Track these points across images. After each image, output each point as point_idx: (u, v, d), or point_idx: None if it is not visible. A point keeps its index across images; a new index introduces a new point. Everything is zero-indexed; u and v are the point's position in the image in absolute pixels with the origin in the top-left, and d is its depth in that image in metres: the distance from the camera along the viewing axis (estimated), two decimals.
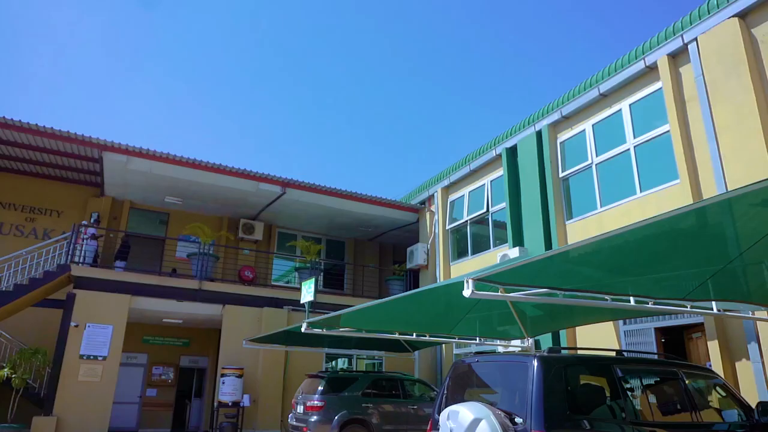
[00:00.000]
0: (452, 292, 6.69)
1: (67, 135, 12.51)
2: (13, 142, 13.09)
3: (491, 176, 14.02)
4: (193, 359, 16.94)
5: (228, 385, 12.67)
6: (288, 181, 14.80)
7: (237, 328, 13.53)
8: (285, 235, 17.87)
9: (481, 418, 4.29)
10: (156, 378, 16.23)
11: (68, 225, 14.15)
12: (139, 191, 15.15)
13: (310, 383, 11.32)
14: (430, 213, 16.17)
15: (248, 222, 16.66)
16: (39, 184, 15.18)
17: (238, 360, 13.17)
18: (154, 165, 13.49)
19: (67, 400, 11.46)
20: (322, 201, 15.60)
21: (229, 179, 14.30)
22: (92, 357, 11.98)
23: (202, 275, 13.61)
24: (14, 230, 14.76)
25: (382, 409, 11.05)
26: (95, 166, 14.22)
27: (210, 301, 13.60)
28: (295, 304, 13.92)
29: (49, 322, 13.24)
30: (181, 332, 16.65)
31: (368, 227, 17.89)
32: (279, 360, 13.75)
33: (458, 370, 5.69)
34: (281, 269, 17.64)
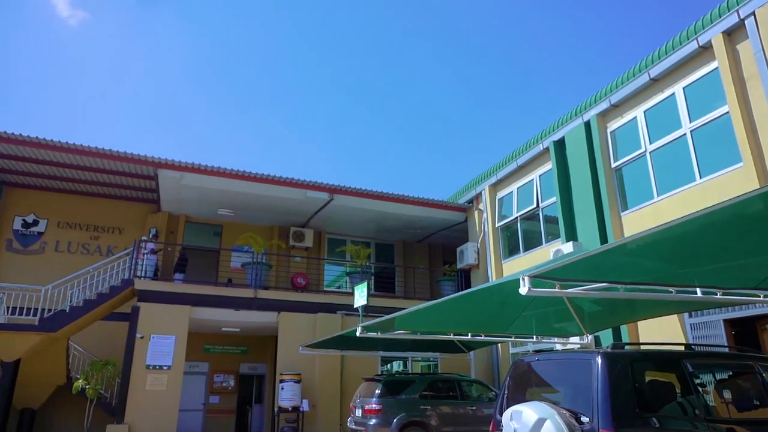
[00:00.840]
0: (506, 291, 6.58)
1: (124, 155, 13.10)
2: (77, 165, 13.83)
3: (539, 171, 13.74)
4: (252, 366, 17.33)
5: (287, 390, 12.89)
6: (335, 188, 14.97)
7: (293, 335, 13.76)
8: (334, 240, 18.08)
9: (546, 417, 4.20)
10: (218, 385, 16.70)
11: (129, 241, 14.80)
12: (193, 205, 15.68)
13: (367, 387, 11.39)
14: (479, 211, 15.99)
15: (298, 230, 16.94)
16: (101, 204, 15.97)
17: (295, 366, 13.39)
18: (206, 179, 13.94)
19: (136, 408, 11.95)
20: (369, 205, 15.70)
21: (278, 189, 14.60)
22: (158, 367, 12.45)
23: (257, 284, 13.92)
24: (81, 248, 15.56)
25: (440, 411, 10.99)
26: (151, 184, 14.83)
27: (265, 308, 13.90)
28: (348, 308, 14.04)
29: (116, 334, 13.86)
30: (239, 340, 17.08)
31: (416, 229, 17.86)
32: (335, 364, 13.89)
33: (518, 369, 5.59)
34: (332, 274, 17.86)
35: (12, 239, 15.06)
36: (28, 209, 15.39)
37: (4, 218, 15.07)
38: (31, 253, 15.13)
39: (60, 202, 15.64)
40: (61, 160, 13.57)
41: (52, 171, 14.37)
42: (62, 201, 15.66)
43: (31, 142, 12.51)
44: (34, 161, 13.74)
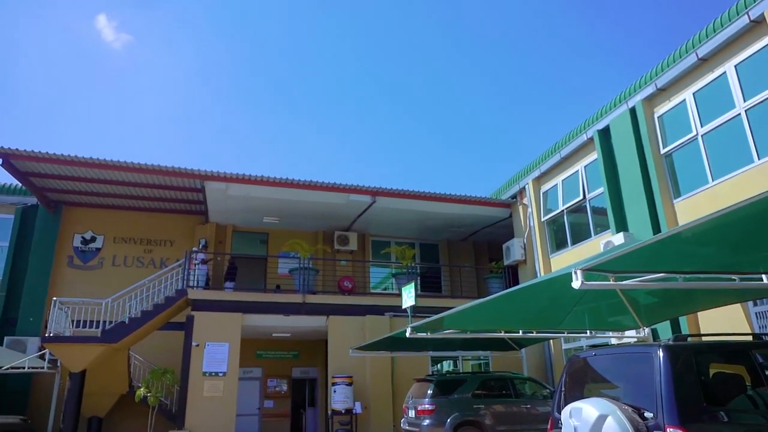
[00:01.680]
0: (557, 285, 6.44)
1: (172, 170, 13.54)
2: (128, 182, 14.41)
3: (584, 162, 13.40)
4: (304, 370, 17.57)
5: (339, 393, 13.00)
6: (377, 190, 15.02)
7: (342, 338, 13.87)
8: (378, 242, 18.14)
9: (607, 414, 4.07)
10: (271, 390, 17.01)
11: (181, 253, 15.27)
12: (240, 215, 16.06)
13: (419, 387, 11.36)
14: (523, 206, 15.73)
15: (342, 233, 17.08)
16: (153, 218, 16.56)
17: (346, 368, 13.49)
18: (251, 188, 14.25)
19: (195, 414, 12.30)
20: (411, 206, 15.68)
21: (320, 194, 14.77)
22: (213, 373, 12.78)
23: (305, 289, 14.11)
24: (136, 262, 16.17)
25: (494, 410, 10.86)
26: (199, 196, 15.27)
27: (314, 313, 14.07)
28: (395, 310, 14.06)
29: (173, 343, 14.31)
30: (290, 345, 17.35)
31: (460, 227, 17.72)
32: (385, 366, 13.92)
33: (574, 365, 5.46)
34: (378, 276, 17.93)
35: (73, 256, 15.79)
36: (86, 227, 16.11)
37: (65, 236, 15.82)
38: (91, 268, 15.82)
39: (115, 219, 16.31)
40: (113, 177, 14.15)
41: (106, 189, 15.01)
42: (117, 217, 16.33)
43: (86, 162, 13.10)
44: (89, 180, 14.38)
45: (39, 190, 14.84)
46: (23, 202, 15.74)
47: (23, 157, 12.91)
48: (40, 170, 13.78)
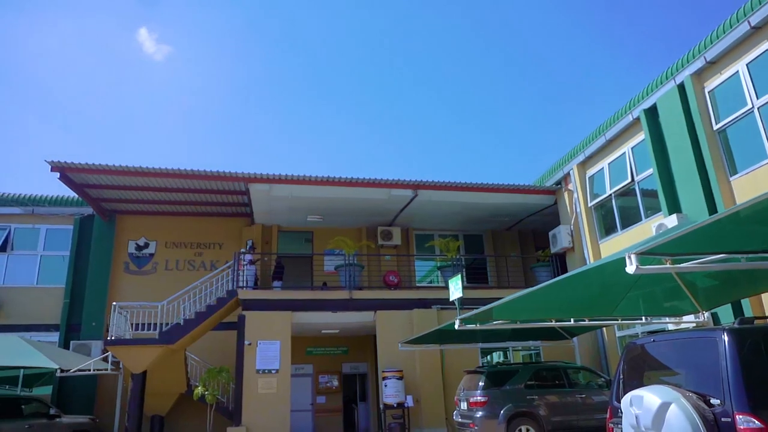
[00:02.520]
0: (608, 271, 6.28)
1: (218, 174, 13.89)
2: (177, 188, 14.91)
3: (631, 143, 12.96)
4: (354, 365, 17.75)
5: (390, 387, 13.07)
6: (418, 183, 14.98)
7: (390, 332, 13.93)
8: (422, 236, 18.10)
9: (670, 401, 3.93)
10: (323, 386, 17.26)
11: (229, 255, 15.65)
12: (284, 215, 16.33)
13: (470, 379, 11.30)
14: (569, 192, 15.36)
15: (386, 229, 17.13)
16: (201, 222, 17.06)
17: (395, 362, 13.54)
18: (294, 188, 14.46)
19: (251, 411, 12.62)
20: (454, 197, 15.56)
21: (362, 190, 14.84)
22: (267, 371, 13.07)
23: (351, 285, 14.23)
24: (187, 265, 16.69)
25: (548, 400, 10.68)
26: (244, 198, 15.61)
27: (361, 309, 14.17)
28: (442, 302, 14.01)
29: (226, 342, 14.72)
30: (339, 341, 17.55)
31: (504, 217, 17.47)
32: (435, 359, 13.90)
33: (631, 353, 5.30)
34: (423, 270, 17.90)
35: (128, 262, 16.45)
36: (139, 233, 16.74)
37: (120, 243, 16.49)
38: (145, 273, 16.44)
39: (165, 224, 16.88)
40: (161, 185, 14.65)
41: (156, 196, 15.55)
42: (167, 223, 16.90)
43: (135, 171, 13.61)
44: (139, 189, 14.94)
45: (94, 200, 15.51)
46: (80, 212, 16.52)
47: (78, 169, 13.52)
48: (93, 181, 14.40)
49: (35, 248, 16.47)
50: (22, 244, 16.44)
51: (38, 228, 16.57)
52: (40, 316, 15.63)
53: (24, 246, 16.44)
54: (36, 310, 15.67)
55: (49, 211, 16.51)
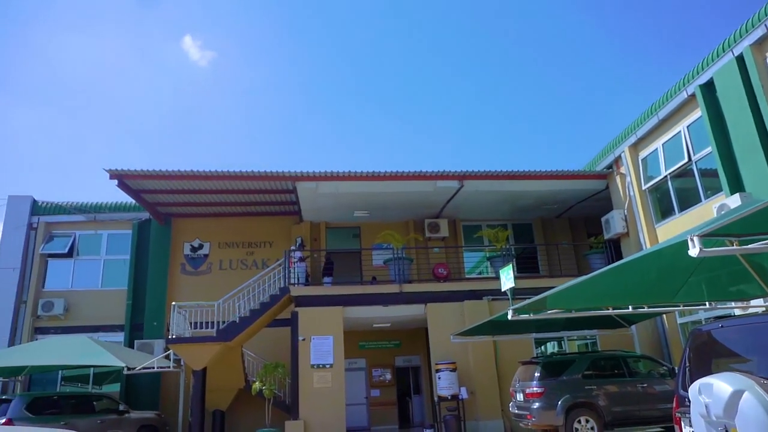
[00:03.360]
0: (667, 256, 6.02)
1: (265, 174, 14.18)
2: (227, 190, 15.32)
3: (686, 121, 12.40)
4: (407, 359, 17.80)
5: (444, 379, 13.03)
6: (464, 174, 14.82)
7: (442, 325, 13.88)
8: (469, 227, 17.93)
9: (743, 389, 3.74)
10: (376, 379, 17.40)
11: (280, 253, 15.96)
12: (331, 211, 16.52)
13: (525, 370, 11.13)
14: (621, 176, 14.86)
15: (433, 221, 17.04)
16: (252, 222, 17.48)
17: (448, 355, 13.49)
18: (339, 185, 14.59)
19: (308, 405, 12.87)
20: (501, 186, 15.33)
21: (407, 184, 14.82)
22: (321, 365, 13.29)
23: (401, 278, 14.25)
24: (240, 264, 17.14)
25: (607, 390, 10.41)
26: (291, 197, 15.88)
27: (412, 302, 14.17)
28: (493, 293, 13.85)
29: (281, 339, 15.04)
30: (391, 335, 17.63)
31: (553, 204, 17.07)
32: (488, 350, 13.77)
33: (697, 340, 5.08)
34: (472, 261, 17.74)
35: (185, 263, 17.05)
36: (193, 235, 17.31)
37: (176, 246, 17.11)
38: (201, 273, 16.99)
39: (218, 226, 17.39)
40: (212, 187, 15.08)
41: (207, 198, 16.03)
42: (219, 224, 17.40)
43: (187, 175, 14.10)
44: (191, 192, 15.44)
45: (150, 205, 16.14)
46: (138, 217, 17.23)
47: (134, 176, 14.09)
48: (149, 187, 14.98)
49: (98, 253, 17.30)
50: (87, 250, 17.30)
51: (100, 234, 17.40)
52: (106, 318, 16.43)
53: (88, 251, 17.30)
54: (102, 312, 16.48)
55: (109, 217, 17.31)
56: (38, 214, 17.22)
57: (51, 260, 17.04)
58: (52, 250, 16.85)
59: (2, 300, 16.09)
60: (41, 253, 16.79)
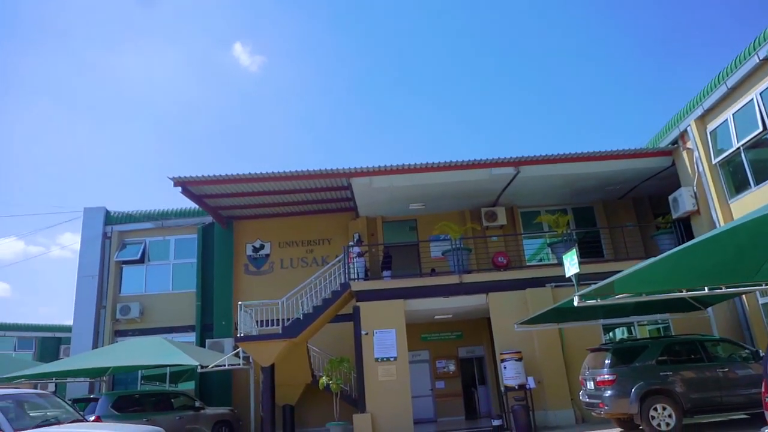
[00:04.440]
0: (744, 232, 5.70)
1: (320, 172, 14.42)
2: (284, 190, 15.69)
3: (759, 87, 11.61)
4: (470, 349, 17.67)
5: (510, 369, 12.84)
6: (519, 160, 14.51)
7: (504, 314, 13.67)
8: (528, 213, 17.55)
9: None
10: (441, 371, 17.37)
11: (338, 249, 16.20)
12: (386, 205, 16.58)
13: (595, 357, 10.80)
14: (687, 151, 14.10)
15: (489, 209, 16.78)
16: (310, 220, 17.83)
17: (513, 344, 13.27)
18: (393, 179, 14.63)
19: (374, 398, 13.00)
20: (558, 170, 14.90)
21: (462, 173, 14.66)
22: (385, 359, 13.39)
23: (460, 269, 14.13)
24: (300, 263, 17.52)
25: (684, 376, 9.93)
26: (347, 193, 16.06)
27: (472, 292, 14.03)
28: (556, 280, 13.51)
29: (344, 334, 15.27)
30: (453, 326, 17.54)
31: (615, 185, 16.42)
32: (554, 338, 13.45)
33: None
34: (532, 248, 17.37)
35: (247, 264, 17.60)
36: (254, 236, 17.84)
37: (239, 247, 17.68)
38: (263, 273, 17.49)
39: (277, 226, 17.84)
40: (270, 188, 15.51)
41: (266, 200, 16.48)
42: (279, 224, 17.84)
43: (245, 178, 14.56)
44: (250, 194, 15.93)
45: (212, 209, 16.75)
46: (202, 222, 17.95)
47: (196, 182, 14.65)
48: (210, 191, 15.55)
49: (167, 258, 18.15)
50: (157, 255, 18.18)
51: (168, 239, 18.23)
52: (178, 319, 17.22)
53: (158, 257, 18.17)
54: (174, 314, 17.29)
55: (175, 223, 18.12)
56: (111, 223, 18.24)
57: (125, 267, 18.01)
58: (126, 257, 17.81)
59: (85, 306, 17.18)
60: (116, 261, 17.78)
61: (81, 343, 16.69)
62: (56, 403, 8.76)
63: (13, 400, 7.76)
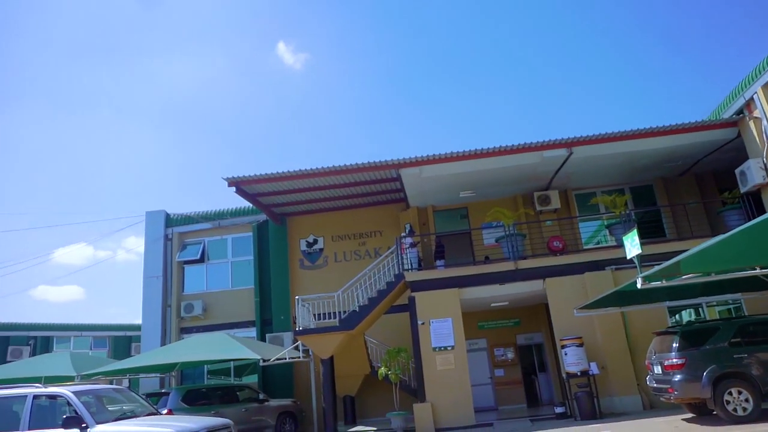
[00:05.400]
0: None
1: (369, 165, 14.49)
2: (334, 184, 15.87)
3: None
4: (528, 336, 17.39)
5: (571, 355, 12.56)
6: (572, 141, 14.08)
7: (563, 299, 13.37)
8: (582, 195, 17.04)
9: None
10: (499, 359, 17.19)
11: (390, 241, 16.24)
12: (436, 194, 16.48)
13: (661, 341, 10.40)
14: (755, 120, 13.29)
15: (542, 193, 16.41)
16: (361, 213, 17.97)
17: (573, 330, 12.97)
18: (443, 167, 14.51)
19: (434, 387, 13.01)
20: (614, 149, 14.36)
21: (512, 158, 14.38)
22: (442, 348, 13.37)
23: (515, 255, 13.90)
24: (353, 256, 17.69)
25: (761, 358, 9.40)
26: (396, 185, 16.06)
27: (528, 278, 13.78)
28: (616, 262, 13.09)
29: (401, 324, 15.33)
30: (510, 313, 17.31)
31: (676, 161, 15.68)
32: (616, 322, 13.04)
33: None
34: (588, 231, 16.86)
35: (302, 259, 17.93)
36: (307, 232, 18.14)
37: (293, 243, 18.04)
38: (318, 267, 17.77)
39: (329, 220, 18.08)
40: (320, 183, 15.73)
41: (317, 195, 16.73)
42: (331, 218, 18.08)
43: (296, 175, 14.79)
44: (301, 190, 16.21)
45: (266, 207, 17.14)
46: (256, 220, 18.42)
47: (249, 181, 15.03)
48: (263, 190, 15.92)
49: (225, 256, 18.74)
50: (215, 254, 18.81)
51: (225, 238, 18.82)
52: (239, 315, 17.78)
53: (216, 256, 18.80)
54: (234, 310, 17.86)
55: (231, 222, 18.69)
56: (171, 225, 18.99)
57: (187, 266, 18.72)
58: (187, 257, 18.50)
59: (152, 305, 17.99)
60: (178, 261, 18.50)
61: (150, 341, 17.51)
62: (131, 397, 9.25)
63: (93, 396, 8.24)
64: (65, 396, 7.68)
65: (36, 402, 7.79)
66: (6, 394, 7.99)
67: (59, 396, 7.80)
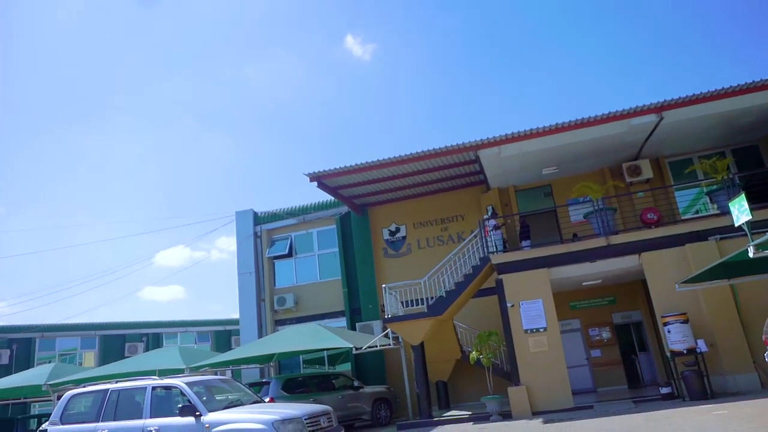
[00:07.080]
0: None
1: (447, 149, 14.37)
2: (412, 171, 15.91)
3: None
4: (625, 314, 16.61)
5: (675, 333, 11.84)
6: (662, 105, 13.17)
7: (662, 274, 12.61)
8: (677, 162, 15.94)
9: None
10: (594, 339, 16.55)
11: (473, 224, 16.03)
12: (517, 174, 16.05)
13: None
14: None
15: (632, 164, 15.51)
16: (441, 199, 17.88)
17: (675, 306, 12.21)
18: (523, 145, 14.09)
19: (528, 370, 12.74)
20: (710, 109, 13.27)
21: (596, 129, 13.71)
22: (534, 330, 13.04)
23: (606, 231, 13.25)
24: (436, 242, 17.65)
25: None
26: (475, 167, 15.82)
27: (622, 253, 13.11)
28: (721, 231, 12.16)
29: (489, 307, 15.15)
30: (603, 291, 16.60)
31: None
32: (724, 296, 12.12)
33: None
34: (685, 200, 15.76)
35: (386, 248, 18.13)
36: (389, 221, 18.31)
37: (376, 233, 18.28)
38: (402, 255, 17.90)
39: (410, 208, 18.14)
40: (399, 171, 15.83)
41: (396, 183, 16.83)
42: (411, 206, 18.13)
43: (375, 165, 15.00)
44: (381, 180, 16.37)
45: (347, 199, 17.48)
46: (339, 212, 18.86)
47: (329, 175, 15.38)
48: (343, 182, 16.25)
49: (312, 250, 19.36)
50: (302, 248, 19.47)
51: (311, 232, 19.43)
52: (328, 306, 18.32)
53: (303, 250, 19.45)
54: (323, 301, 18.42)
55: (315, 216, 19.24)
56: (259, 223, 19.85)
57: (276, 261, 19.53)
58: (275, 252, 19.29)
59: (247, 300, 18.95)
60: (267, 257, 19.32)
61: (248, 334, 18.46)
62: (236, 387, 9.79)
63: (203, 386, 8.82)
64: (179, 387, 8.27)
65: (154, 393, 8.44)
66: (130, 385, 8.74)
67: (174, 387, 8.41)
